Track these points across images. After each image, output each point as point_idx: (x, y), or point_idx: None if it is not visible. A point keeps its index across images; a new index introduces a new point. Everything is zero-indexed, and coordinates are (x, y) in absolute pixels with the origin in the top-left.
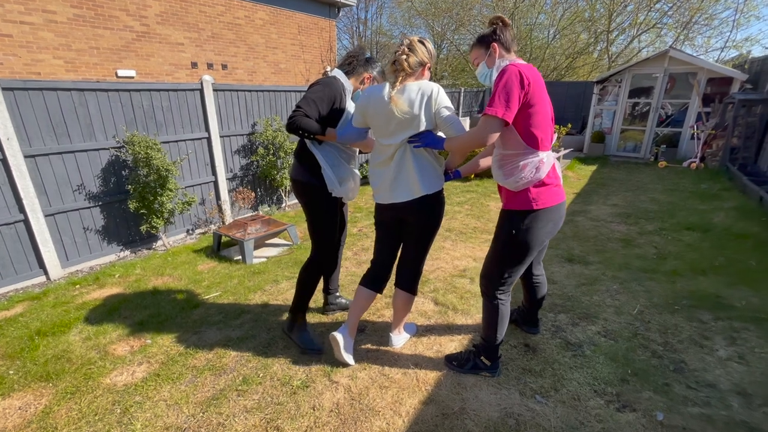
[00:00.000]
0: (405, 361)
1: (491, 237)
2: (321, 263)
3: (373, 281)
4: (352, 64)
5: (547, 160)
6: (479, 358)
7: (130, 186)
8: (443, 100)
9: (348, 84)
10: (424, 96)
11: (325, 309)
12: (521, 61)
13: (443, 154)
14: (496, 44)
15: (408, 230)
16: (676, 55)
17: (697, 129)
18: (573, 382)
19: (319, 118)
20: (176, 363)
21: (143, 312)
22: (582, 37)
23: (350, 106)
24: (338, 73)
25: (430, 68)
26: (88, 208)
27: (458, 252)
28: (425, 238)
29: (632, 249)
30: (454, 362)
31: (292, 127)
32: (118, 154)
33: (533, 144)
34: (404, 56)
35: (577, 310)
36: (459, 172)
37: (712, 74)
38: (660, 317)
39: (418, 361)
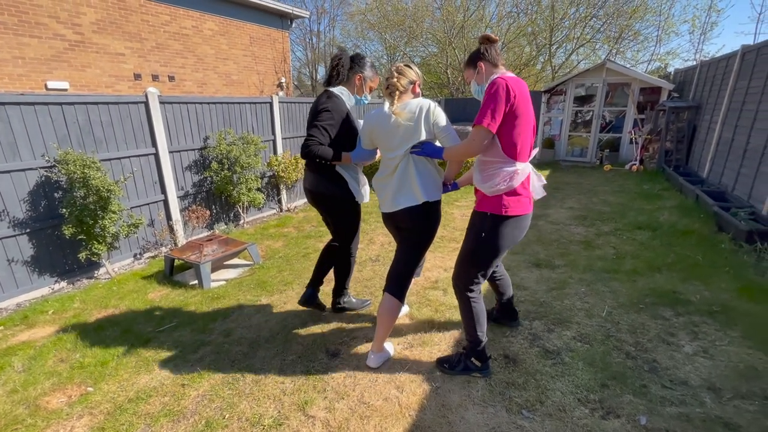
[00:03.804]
0: (384, 385)
1: (459, 246)
2: (351, 252)
3: None
4: (340, 73)
5: (522, 171)
6: (469, 359)
7: (64, 209)
8: (439, 113)
9: (348, 97)
10: (423, 110)
11: (334, 308)
12: (510, 74)
13: (443, 166)
14: (481, 62)
15: (403, 236)
16: (612, 67)
17: (635, 134)
18: (557, 392)
19: (333, 143)
20: (125, 412)
21: (83, 353)
22: (526, 51)
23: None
24: (338, 91)
25: (420, 85)
26: (13, 236)
27: (428, 263)
28: (419, 246)
29: (593, 250)
30: (446, 365)
31: (309, 156)
32: (49, 174)
33: (512, 154)
34: (395, 79)
35: (550, 315)
36: (456, 185)
37: (644, 84)
38: (627, 317)
39: (399, 384)
